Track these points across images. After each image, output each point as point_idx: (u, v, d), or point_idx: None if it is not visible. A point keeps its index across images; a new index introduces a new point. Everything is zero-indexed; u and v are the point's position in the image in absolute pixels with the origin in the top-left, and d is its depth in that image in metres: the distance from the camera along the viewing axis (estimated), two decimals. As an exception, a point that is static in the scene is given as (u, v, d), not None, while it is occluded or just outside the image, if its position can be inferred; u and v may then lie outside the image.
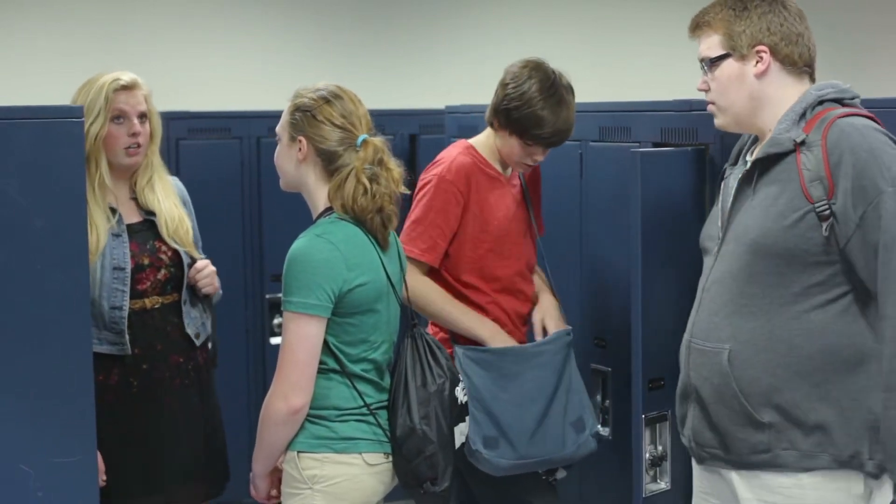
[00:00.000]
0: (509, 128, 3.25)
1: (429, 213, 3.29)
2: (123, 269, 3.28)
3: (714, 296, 2.69)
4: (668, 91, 4.40)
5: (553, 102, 3.20)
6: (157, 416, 3.34)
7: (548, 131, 3.21)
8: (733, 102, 2.72)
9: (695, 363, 2.71)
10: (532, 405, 3.23)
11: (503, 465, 3.19)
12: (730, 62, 2.71)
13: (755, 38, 2.68)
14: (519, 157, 3.30)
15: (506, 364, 3.24)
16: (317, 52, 7.25)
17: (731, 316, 2.64)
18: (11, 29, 6.58)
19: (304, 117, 2.91)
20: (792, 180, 2.57)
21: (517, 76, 3.24)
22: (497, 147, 3.33)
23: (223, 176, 5.07)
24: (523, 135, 3.23)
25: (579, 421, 3.30)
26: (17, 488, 2.53)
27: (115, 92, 3.31)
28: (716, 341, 2.65)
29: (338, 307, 2.81)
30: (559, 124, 3.21)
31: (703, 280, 2.75)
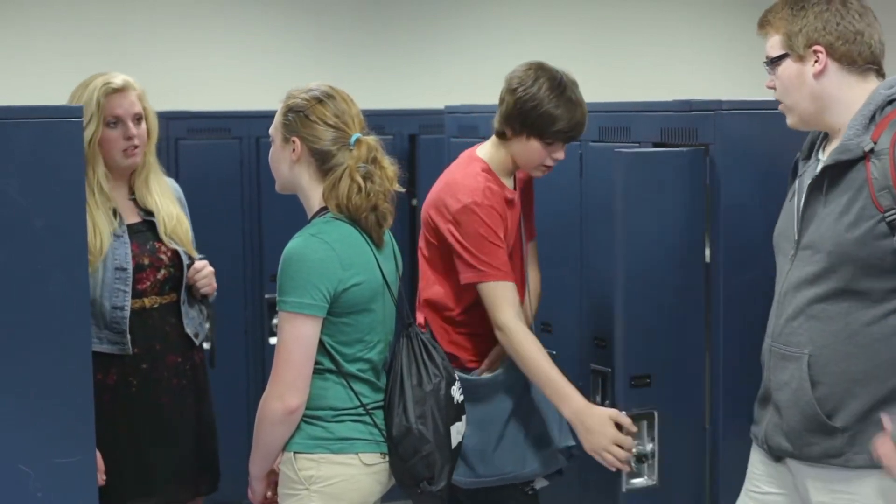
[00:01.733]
0: (527, 131, 3.21)
1: (485, 239, 3.18)
2: (125, 269, 3.28)
3: (792, 300, 2.69)
4: (669, 91, 4.40)
5: (566, 97, 3.18)
6: (155, 416, 3.35)
7: (567, 125, 3.18)
8: (797, 102, 2.71)
9: (775, 367, 2.74)
10: (490, 426, 3.22)
11: (462, 482, 3.21)
12: (788, 62, 2.70)
13: (811, 38, 2.66)
14: (540, 160, 3.24)
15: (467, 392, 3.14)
16: (316, 52, 7.25)
17: (810, 320, 2.65)
18: (11, 29, 6.58)
19: (296, 118, 2.91)
20: (862, 189, 2.57)
21: (524, 79, 3.21)
22: (513, 156, 3.27)
23: (223, 176, 5.07)
24: (543, 134, 3.19)
25: (542, 437, 3.26)
26: (16, 488, 2.53)
27: (106, 96, 3.29)
28: (796, 346, 2.67)
29: (333, 307, 2.81)
30: (577, 117, 3.19)
31: (780, 284, 2.76)
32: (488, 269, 3.17)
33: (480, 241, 3.17)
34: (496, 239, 3.19)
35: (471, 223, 3.17)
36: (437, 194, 3.27)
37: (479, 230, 3.17)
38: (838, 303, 2.61)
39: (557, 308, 3.78)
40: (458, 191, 3.21)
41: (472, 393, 3.17)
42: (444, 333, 3.30)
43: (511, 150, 3.27)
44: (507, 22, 7.69)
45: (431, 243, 3.30)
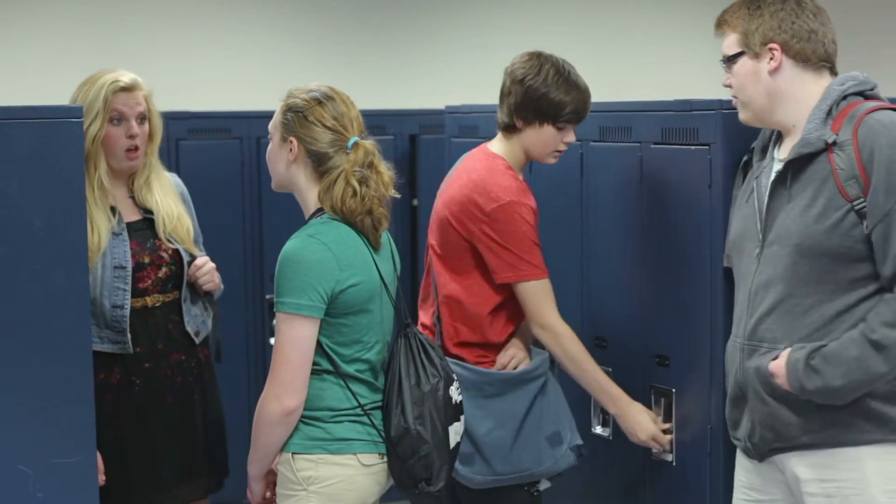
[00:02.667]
0: (540, 118, 3.24)
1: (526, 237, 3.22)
2: (125, 267, 3.28)
3: (764, 298, 2.73)
4: (669, 91, 4.39)
5: (572, 81, 3.25)
6: (160, 415, 3.34)
7: (578, 107, 3.25)
8: (752, 98, 2.79)
9: (750, 365, 2.75)
10: (508, 422, 3.23)
11: (478, 481, 3.22)
12: (745, 60, 2.79)
13: (766, 37, 2.75)
14: (554, 145, 3.28)
15: (486, 387, 3.23)
16: (316, 52, 7.25)
17: (784, 316, 2.69)
18: (11, 29, 6.58)
19: (295, 118, 2.90)
20: (827, 180, 2.63)
21: (528, 69, 3.25)
22: (526, 146, 3.29)
23: (223, 176, 5.06)
24: (557, 119, 3.23)
25: (555, 435, 3.29)
26: (16, 489, 2.53)
27: (114, 94, 3.29)
28: (770, 342, 2.71)
29: (331, 308, 2.81)
30: (585, 98, 3.26)
31: (746, 283, 2.79)
32: (529, 269, 3.21)
33: (521, 239, 3.20)
34: (535, 237, 3.23)
35: (511, 221, 3.20)
36: (463, 193, 3.26)
37: (521, 228, 3.20)
38: (810, 296, 2.66)
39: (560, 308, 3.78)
40: (492, 189, 3.22)
41: (494, 388, 3.22)
42: (453, 333, 3.31)
43: (524, 140, 3.29)
44: (507, 22, 7.69)
45: (448, 242, 3.29)
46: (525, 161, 3.35)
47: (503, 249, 3.21)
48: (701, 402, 3.20)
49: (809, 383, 2.62)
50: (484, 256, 3.24)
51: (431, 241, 3.38)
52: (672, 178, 3.30)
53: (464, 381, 3.13)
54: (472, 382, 3.21)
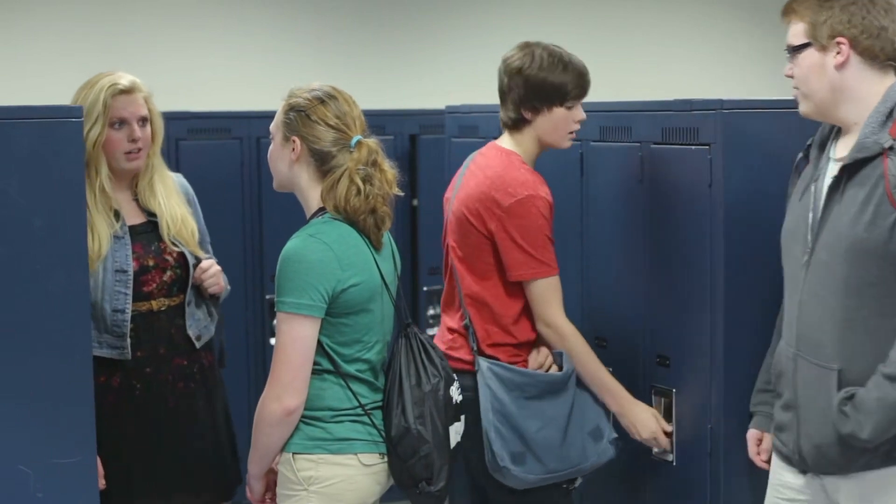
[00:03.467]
0: (547, 103, 3.24)
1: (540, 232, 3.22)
2: (126, 271, 3.26)
3: (814, 309, 2.67)
4: (669, 91, 4.39)
5: (565, 60, 3.26)
6: (161, 420, 3.32)
7: (579, 81, 3.26)
8: (815, 91, 2.71)
9: (804, 379, 2.69)
10: (555, 421, 3.24)
11: (530, 480, 3.20)
12: (811, 51, 2.70)
13: (835, 30, 2.67)
14: (567, 127, 3.28)
15: (529, 388, 3.22)
16: (316, 52, 7.25)
17: (835, 332, 2.62)
18: (11, 29, 6.58)
19: (298, 117, 2.90)
20: (878, 185, 2.56)
21: (523, 58, 3.26)
22: (539, 136, 3.29)
23: (223, 176, 5.06)
24: (564, 99, 3.24)
25: (596, 430, 3.31)
26: (17, 489, 2.53)
27: (113, 97, 3.27)
28: (824, 359, 2.64)
29: (331, 307, 2.81)
30: (581, 70, 3.28)
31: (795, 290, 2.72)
32: (540, 267, 3.21)
33: (536, 234, 3.20)
34: (550, 231, 3.23)
35: (528, 216, 3.19)
36: (481, 189, 3.25)
37: (537, 222, 3.20)
38: (862, 308, 2.58)
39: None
40: (510, 185, 3.21)
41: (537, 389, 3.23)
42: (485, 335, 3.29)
43: (537, 130, 3.28)
44: (507, 22, 7.69)
45: (469, 242, 3.28)
46: (538, 153, 3.33)
47: (517, 247, 3.20)
48: (701, 402, 3.20)
49: (843, 428, 2.56)
50: (500, 253, 3.24)
51: (451, 242, 3.35)
52: (672, 178, 3.30)
53: (505, 382, 3.19)
54: (515, 384, 3.22)
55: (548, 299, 3.24)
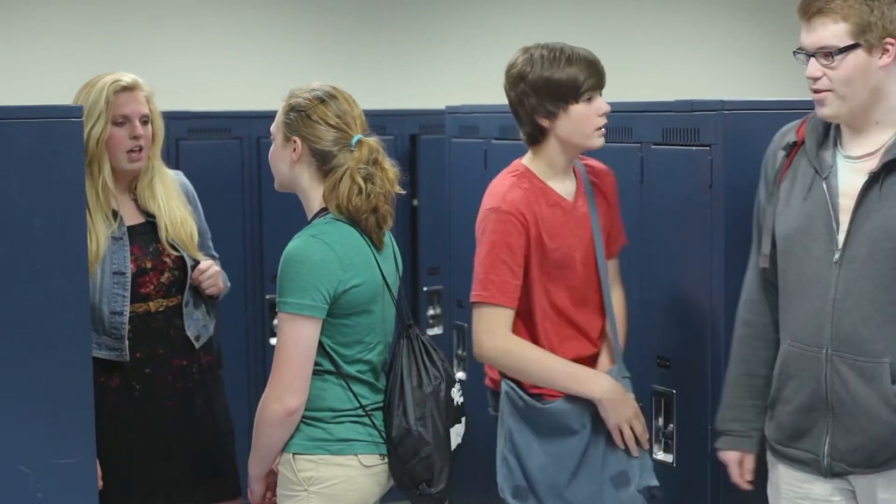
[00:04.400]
0: (561, 103, 2.97)
1: (491, 249, 2.97)
2: (124, 273, 3.26)
3: (854, 306, 2.61)
4: (669, 91, 4.39)
5: (566, 53, 3.00)
6: (161, 420, 3.32)
7: (589, 71, 2.99)
8: (855, 94, 2.63)
9: (842, 378, 2.63)
10: (562, 459, 3.02)
11: None
12: (858, 53, 2.60)
13: (886, 30, 2.61)
14: (591, 122, 3.00)
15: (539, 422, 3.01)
16: (316, 52, 7.25)
17: (883, 326, 2.58)
18: (11, 29, 6.58)
19: (298, 117, 2.90)
20: None
21: (523, 64, 3.02)
22: (564, 139, 3.01)
23: (223, 176, 5.06)
24: (577, 93, 2.98)
25: (621, 475, 3.04)
26: (16, 489, 2.53)
27: (115, 94, 3.27)
28: (871, 355, 2.59)
29: (333, 308, 2.80)
30: (588, 60, 3.02)
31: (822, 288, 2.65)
32: (479, 290, 2.98)
33: (486, 251, 2.97)
34: (505, 252, 2.96)
35: (483, 231, 2.99)
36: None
37: (491, 238, 2.97)
38: None
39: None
40: (486, 198, 3.05)
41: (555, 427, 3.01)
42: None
43: (560, 135, 3.01)
44: (507, 22, 7.69)
45: None
46: (567, 161, 3.07)
47: (477, 263, 3.01)
48: (701, 403, 3.19)
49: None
50: None
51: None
52: (672, 179, 3.30)
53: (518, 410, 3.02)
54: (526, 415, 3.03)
55: (478, 329, 2.99)
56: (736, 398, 2.89)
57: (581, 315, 3.08)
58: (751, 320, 2.87)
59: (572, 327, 3.07)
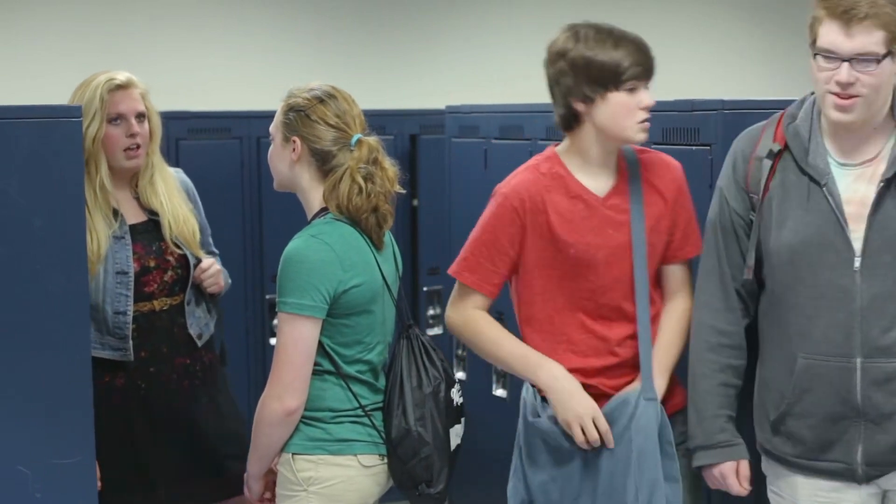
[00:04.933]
0: (600, 88, 2.77)
1: (478, 230, 2.88)
2: (126, 273, 3.26)
3: (883, 312, 2.61)
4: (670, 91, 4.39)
5: (616, 34, 2.85)
6: (168, 418, 3.32)
7: (636, 59, 2.81)
8: (880, 100, 2.63)
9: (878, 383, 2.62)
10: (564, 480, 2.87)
11: None
12: (889, 61, 2.59)
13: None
14: (631, 115, 2.79)
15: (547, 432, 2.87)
16: (316, 52, 7.25)
17: None
18: (11, 29, 6.58)
19: (297, 117, 2.90)
20: None
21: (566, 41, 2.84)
22: (602, 128, 2.80)
23: (223, 176, 5.06)
24: (619, 80, 2.77)
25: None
26: (15, 489, 2.52)
27: (109, 92, 3.27)
28: None
29: (333, 308, 2.80)
30: (638, 45, 2.83)
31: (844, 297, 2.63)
32: (457, 266, 2.92)
33: (476, 231, 2.89)
34: (488, 236, 2.86)
35: (485, 210, 2.89)
36: None
37: (484, 218, 2.88)
38: None
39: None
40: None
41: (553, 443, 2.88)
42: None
43: (597, 123, 2.80)
44: (506, 22, 7.69)
45: None
46: (601, 153, 2.85)
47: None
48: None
49: None
50: None
51: None
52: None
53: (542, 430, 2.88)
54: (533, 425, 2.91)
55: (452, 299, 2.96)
56: (718, 408, 2.82)
57: (600, 323, 2.88)
58: (725, 329, 2.81)
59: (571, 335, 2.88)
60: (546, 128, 3.88)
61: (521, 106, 4.31)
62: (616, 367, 2.88)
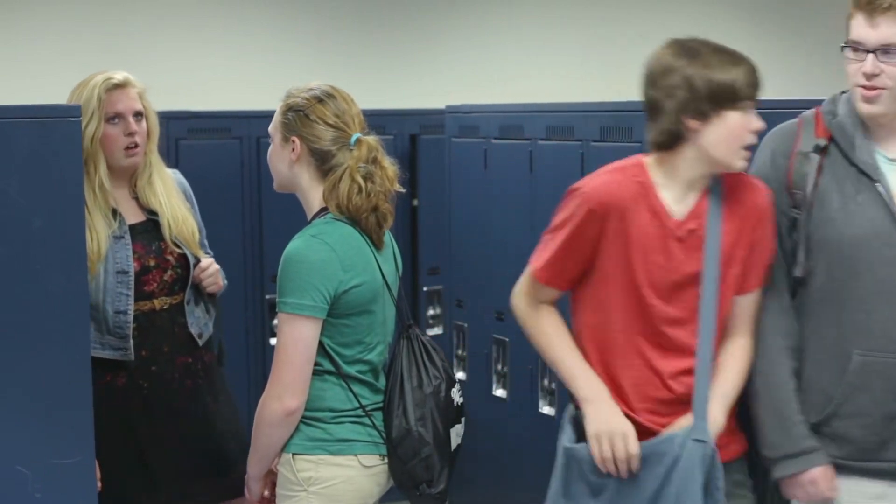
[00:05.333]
0: (719, 105, 2.64)
1: (555, 222, 2.77)
2: (127, 272, 3.26)
3: None
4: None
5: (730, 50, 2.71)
6: (171, 418, 3.32)
7: (750, 78, 2.68)
8: None
9: None
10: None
11: None
12: None
13: None
14: (741, 138, 2.67)
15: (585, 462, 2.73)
16: (316, 52, 7.25)
17: None
18: (11, 29, 6.58)
19: (296, 117, 2.90)
20: None
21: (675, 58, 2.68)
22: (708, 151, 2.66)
23: (223, 176, 5.06)
24: (736, 99, 2.64)
25: None
26: (15, 489, 2.52)
27: (107, 92, 3.27)
28: None
29: (333, 308, 2.80)
30: (751, 65, 2.70)
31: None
32: (538, 261, 2.80)
33: (554, 226, 2.76)
34: (554, 230, 2.75)
35: (558, 209, 2.77)
36: None
37: (559, 215, 2.76)
38: None
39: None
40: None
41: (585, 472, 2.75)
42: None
43: (702, 145, 2.67)
44: (506, 22, 7.69)
45: None
46: (694, 177, 2.71)
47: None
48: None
49: None
50: None
51: None
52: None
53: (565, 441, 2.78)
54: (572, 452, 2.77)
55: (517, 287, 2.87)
56: (799, 414, 2.73)
57: (655, 352, 2.72)
58: (789, 331, 2.76)
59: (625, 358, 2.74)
60: (546, 127, 3.88)
61: (521, 106, 4.31)
62: (667, 403, 2.72)
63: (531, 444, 3.98)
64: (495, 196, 4.17)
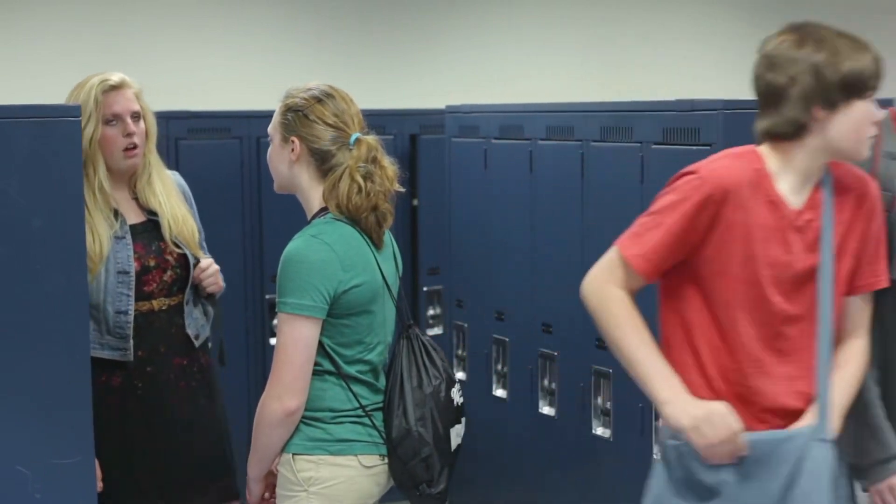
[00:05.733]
0: (849, 94, 2.50)
1: (660, 208, 2.56)
2: (128, 272, 3.26)
3: None
4: (670, 91, 4.39)
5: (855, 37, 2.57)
6: (166, 419, 3.31)
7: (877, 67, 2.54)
8: None
9: None
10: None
11: None
12: None
13: None
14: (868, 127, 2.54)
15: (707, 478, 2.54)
16: (316, 52, 7.25)
17: None
18: (11, 29, 6.57)
19: (296, 117, 2.90)
20: None
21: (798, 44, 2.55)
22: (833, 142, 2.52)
23: (223, 176, 5.06)
24: (865, 88, 2.52)
25: None
26: (15, 489, 2.52)
27: (104, 93, 3.27)
28: None
29: (333, 308, 2.80)
30: (875, 52, 2.56)
31: None
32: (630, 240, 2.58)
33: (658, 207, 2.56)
34: (661, 214, 2.53)
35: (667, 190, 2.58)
36: None
37: (663, 197, 2.57)
38: None
39: (561, 309, 3.78)
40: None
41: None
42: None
43: (828, 135, 2.52)
44: (506, 22, 7.68)
45: None
46: (813, 168, 2.56)
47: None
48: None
49: None
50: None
51: None
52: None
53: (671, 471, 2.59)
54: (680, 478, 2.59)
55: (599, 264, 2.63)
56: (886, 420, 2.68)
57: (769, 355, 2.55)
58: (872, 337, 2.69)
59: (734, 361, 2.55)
60: (546, 127, 3.88)
61: (521, 106, 4.31)
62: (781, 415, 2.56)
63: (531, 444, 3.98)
64: (495, 196, 4.17)
